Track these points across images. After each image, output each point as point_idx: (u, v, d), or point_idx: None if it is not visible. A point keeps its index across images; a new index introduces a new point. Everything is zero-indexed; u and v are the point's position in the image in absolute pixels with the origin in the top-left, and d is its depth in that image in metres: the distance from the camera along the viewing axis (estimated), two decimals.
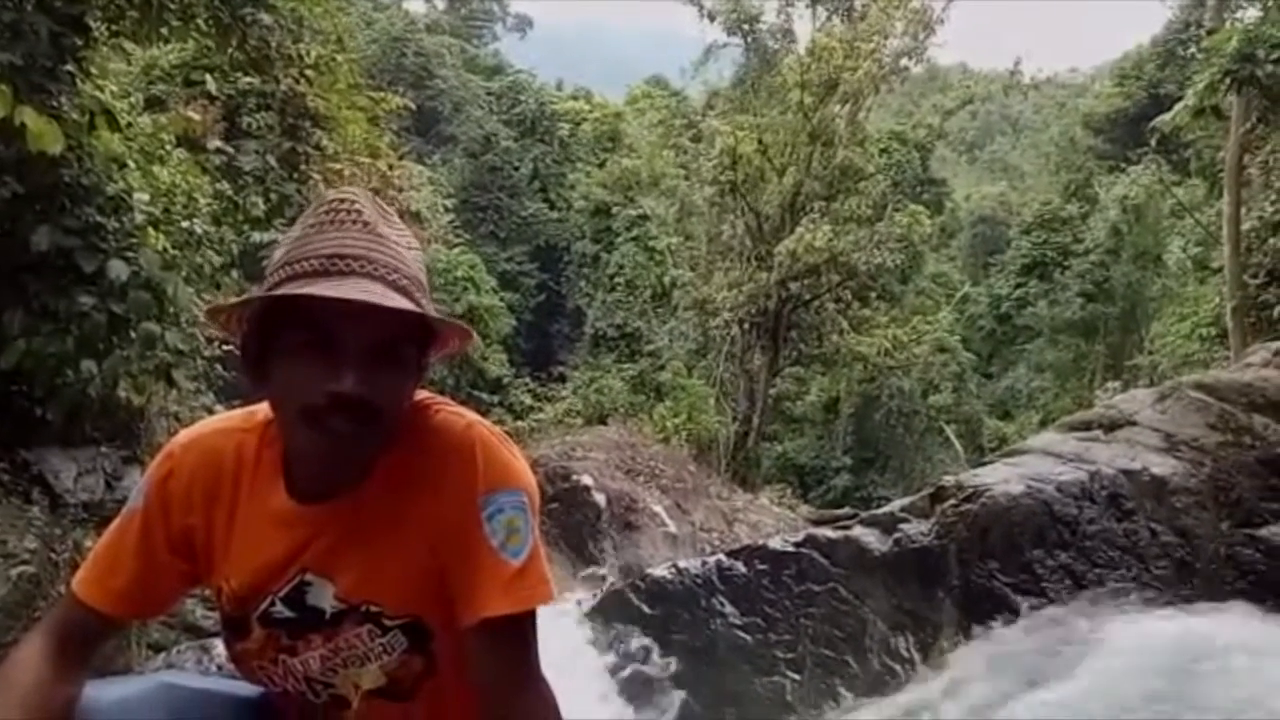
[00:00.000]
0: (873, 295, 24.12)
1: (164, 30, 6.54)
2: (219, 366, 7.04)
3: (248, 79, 10.76)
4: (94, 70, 5.85)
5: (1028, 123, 49.39)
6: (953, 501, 4.86)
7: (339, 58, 11.29)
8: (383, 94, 14.63)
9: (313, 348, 1.29)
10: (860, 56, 20.12)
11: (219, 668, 4.26)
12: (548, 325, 28.99)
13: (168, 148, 7.04)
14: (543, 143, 30.36)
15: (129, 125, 6.40)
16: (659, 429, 17.27)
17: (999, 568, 4.61)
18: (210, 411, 6.21)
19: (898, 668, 4.47)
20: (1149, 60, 31.22)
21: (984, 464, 5.75)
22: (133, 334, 5.42)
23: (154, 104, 9.50)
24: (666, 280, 25.50)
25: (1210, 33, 12.26)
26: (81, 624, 1.46)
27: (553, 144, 30.42)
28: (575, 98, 33.65)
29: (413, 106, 17.57)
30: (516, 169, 29.70)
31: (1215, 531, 4.62)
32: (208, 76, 10.10)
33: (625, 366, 25.18)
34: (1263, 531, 4.60)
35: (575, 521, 10.16)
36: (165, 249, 5.95)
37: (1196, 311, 16.87)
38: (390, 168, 13.41)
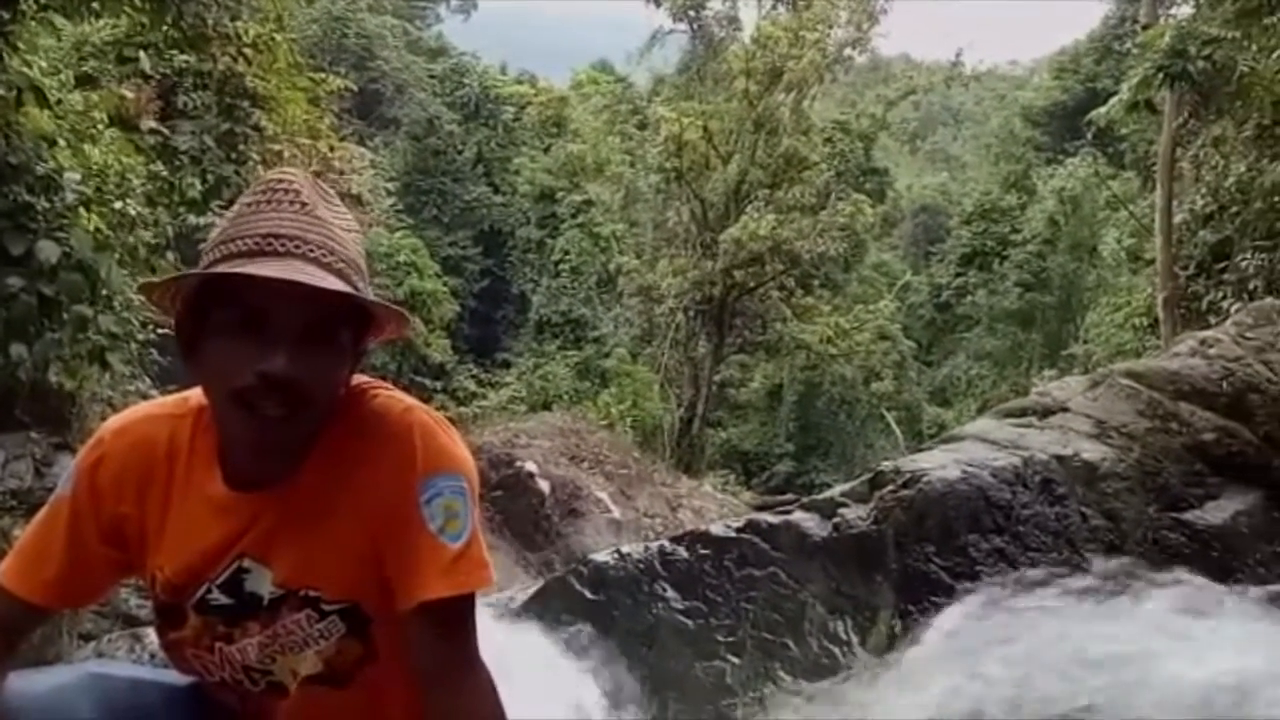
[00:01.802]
0: (816, 283, 24.35)
1: (95, 5, 6.38)
2: (154, 351, 6.91)
3: (184, 57, 10.51)
4: (22, 46, 5.70)
5: (969, 114, 50.07)
6: (891, 487, 4.91)
7: (278, 37, 11.07)
8: (323, 75, 14.42)
9: (244, 328, 1.28)
10: (805, 45, 20.28)
11: (152, 657, 4.18)
12: (492, 311, 28.78)
13: (100, 127, 6.88)
14: (486, 127, 30.08)
15: (59, 103, 6.26)
16: (603, 415, 17.31)
17: (935, 552, 4.67)
18: (145, 397, 6.09)
19: (836, 650, 4.53)
20: (1086, 54, 31.79)
21: (922, 450, 5.82)
22: (64, 316, 5.32)
23: (85, 82, 9.24)
24: (611, 267, 25.48)
25: (1145, 28, 12.50)
26: (7, 614, 1.44)
27: (497, 128, 30.15)
28: (520, 82, 33.33)
29: (354, 88, 17.36)
30: (460, 153, 29.40)
31: (1143, 515, 4.73)
32: (142, 54, 9.83)
33: (570, 353, 25.15)
34: (1188, 515, 4.72)
35: (519, 509, 10.13)
36: (98, 230, 5.83)
37: (1129, 302, 17.19)
38: (331, 149, 13.23)
